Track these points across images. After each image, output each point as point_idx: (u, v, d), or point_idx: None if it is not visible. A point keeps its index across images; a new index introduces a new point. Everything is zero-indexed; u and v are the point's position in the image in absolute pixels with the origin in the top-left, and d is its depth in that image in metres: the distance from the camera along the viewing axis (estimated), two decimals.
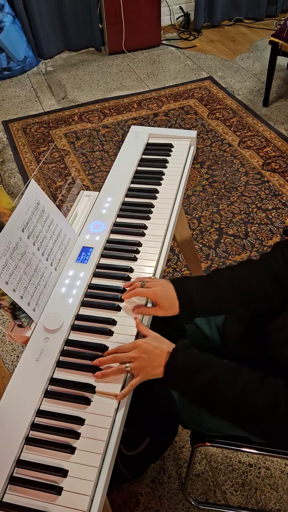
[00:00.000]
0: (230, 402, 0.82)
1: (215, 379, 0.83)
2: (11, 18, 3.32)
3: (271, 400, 0.79)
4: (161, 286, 0.97)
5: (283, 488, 1.38)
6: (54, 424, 0.82)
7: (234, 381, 0.83)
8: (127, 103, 3.19)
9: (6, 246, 0.90)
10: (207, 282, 0.98)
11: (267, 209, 2.29)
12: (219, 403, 0.84)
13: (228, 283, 0.97)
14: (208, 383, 0.84)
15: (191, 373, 0.85)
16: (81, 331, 0.96)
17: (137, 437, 1.14)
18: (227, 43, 3.89)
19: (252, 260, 1.01)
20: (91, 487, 0.74)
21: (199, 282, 0.99)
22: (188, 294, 0.96)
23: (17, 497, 0.75)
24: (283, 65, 3.37)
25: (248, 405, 0.80)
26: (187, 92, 3.25)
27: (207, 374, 0.84)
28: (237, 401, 0.81)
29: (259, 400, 0.80)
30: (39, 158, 2.74)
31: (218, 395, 0.83)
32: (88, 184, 2.52)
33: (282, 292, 0.96)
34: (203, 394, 0.85)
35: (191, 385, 0.85)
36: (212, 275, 1.00)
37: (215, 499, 1.37)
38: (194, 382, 0.84)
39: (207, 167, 2.58)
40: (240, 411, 0.82)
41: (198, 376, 0.84)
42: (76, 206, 1.28)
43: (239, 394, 0.81)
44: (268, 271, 0.97)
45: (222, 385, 0.83)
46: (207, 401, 0.85)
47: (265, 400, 0.79)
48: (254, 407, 0.80)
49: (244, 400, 0.81)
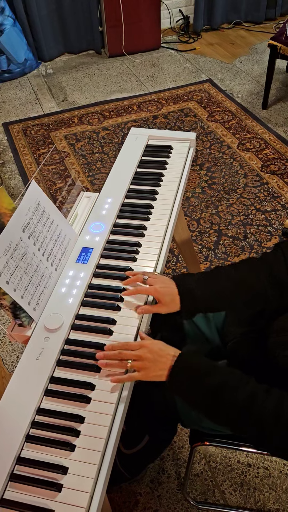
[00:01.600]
0: (234, 411, 0.80)
1: (220, 387, 0.82)
2: (11, 20, 3.34)
3: (277, 410, 0.77)
4: (162, 282, 0.98)
5: (282, 488, 1.39)
6: (54, 422, 0.83)
7: (241, 388, 0.81)
8: (127, 105, 3.21)
9: (7, 246, 0.91)
10: (208, 279, 0.99)
11: (266, 211, 2.31)
12: (222, 411, 0.82)
13: (228, 281, 0.97)
14: (214, 388, 0.82)
15: (196, 379, 0.84)
16: (81, 331, 0.97)
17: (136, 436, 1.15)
18: (226, 46, 3.91)
19: (253, 258, 1.01)
20: (91, 484, 0.75)
21: (200, 278, 0.99)
22: (189, 289, 0.96)
23: (17, 494, 0.75)
24: (282, 68, 3.39)
25: (253, 415, 0.79)
26: (187, 95, 3.27)
27: (212, 381, 0.83)
28: (241, 410, 0.80)
29: (265, 410, 0.78)
30: (39, 160, 2.75)
31: (222, 404, 0.81)
32: (88, 186, 2.53)
33: (281, 294, 0.96)
34: (207, 401, 0.83)
35: (195, 391, 0.84)
36: (213, 272, 1.00)
37: (214, 499, 1.38)
38: (199, 389, 0.83)
39: (207, 169, 2.60)
40: (244, 420, 0.80)
41: (203, 382, 0.83)
42: (76, 207, 1.29)
43: (245, 402, 0.80)
44: (268, 272, 0.97)
45: (228, 393, 0.81)
46: (210, 409, 0.84)
47: (272, 410, 0.78)
48: (259, 417, 0.78)
49: (249, 409, 0.79)
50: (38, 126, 3.04)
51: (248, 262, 1.01)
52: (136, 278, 1.01)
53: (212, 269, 1.02)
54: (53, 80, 3.56)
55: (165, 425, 1.14)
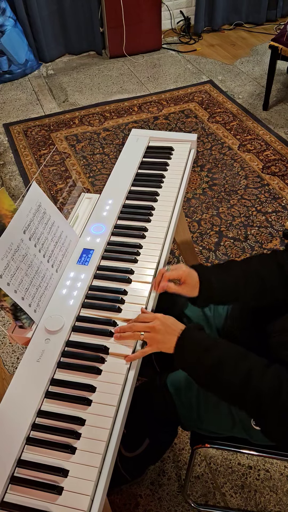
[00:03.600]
0: (233, 385, 0.84)
1: (223, 359, 0.86)
2: (12, 21, 3.34)
3: (275, 385, 0.81)
4: (187, 267, 1.03)
5: (283, 491, 1.39)
6: (55, 425, 0.82)
7: (241, 362, 0.85)
8: (128, 106, 3.20)
9: (8, 247, 0.91)
10: (224, 271, 1.03)
11: (267, 212, 2.30)
12: (222, 383, 0.86)
13: (242, 274, 1.02)
14: (214, 362, 0.86)
15: (201, 351, 0.88)
16: (82, 333, 0.97)
17: (136, 439, 1.15)
18: (227, 47, 3.91)
19: (265, 254, 1.05)
20: (91, 487, 0.74)
21: (217, 270, 1.04)
22: (208, 278, 1.01)
23: (18, 496, 0.75)
24: (283, 69, 3.39)
25: (252, 388, 0.82)
26: (188, 96, 3.27)
27: (216, 353, 0.87)
28: (242, 382, 0.83)
29: (264, 383, 0.81)
30: (40, 161, 2.75)
31: (223, 375, 0.85)
32: (89, 187, 2.53)
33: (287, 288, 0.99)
34: (210, 372, 0.87)
35: (199, 362, 0.88)
36: (229, 265, 1.05)
37: (215, 501, 1.37)
38: (203, 360, 0.87)
39: (207, 170, 2.59)
40: (244, 392, 0.83)
41: (207, 354, 0.87)
42: (77, 208, 1.29)
43: (245, 375, 0.83)
44: (276, 264, 1.01)
45: (229, 365, 0.85)
46: (213, 381, 0.87)
47: (269, 384, 0.81)
48: (257, 391, 0.81)
49: (249, 382, 0.82)
50: (39, 127, 3.04)
51: (260, 257, 1.05)
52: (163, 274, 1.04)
53: (227, 262, 1.07)
54: (54, 81, 3.56)
55: (165, 428, 1.14)
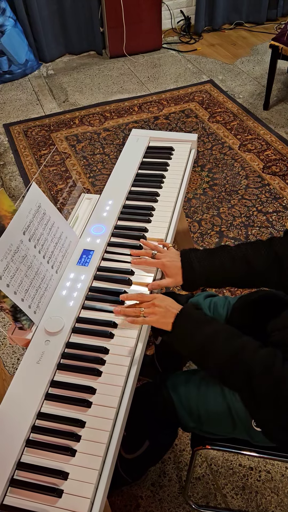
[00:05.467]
0: (226, 358, 0.85)
1: (217, 333, 0.88)
2: (12, 21, 3.33)
3: (266, 360, 0.81)
4: (170, 257, 1.07)
5: (284, 492, 1.38)
6: (54, 427, 0.82)
7: (235, 338, 0.87)
8: (128, 106, 3.20)
9: (8, 248, 0.91)
10: (209, 253, 1.05)
11: (268, 212, 2.30)
12: (215, 355, 0.87)
13: (228, 255, 1.03)
14: (209, 335, 0.88)
15: (196, 325, 0.91)
16: (82, 334, 0.96)
17: (136, 440, 1.14)
18: (227, 46, 3.90)
19: (259, 240, 1.06)
20: (91, 490, 0.74)
21: (201, 252, 1.06)
22: (189, 262, 1.04)
23: (17, 499, 0.75)
24: (284, 68, 3.38)
25: (243, 362, 0.83)
26: (188, 96, 3.26)
27: (210, 327, 0.90)
28: (233, 356, 0.84)
29: (255, 359, 0.82)
30: (40, 161, 2.75)
31: (216, 348, 0.87)
32: (89, 187, 2.53)
33: (279, 271, 0.99)
34: (203, 345, 0.89)
35: (193, 335, 0.90)
36: (216, 248, 1.06)
37: (216, 502, 1.37)
38: (197, 333, 0.90)
39: (208, 170, 2.59)
40: (234, 367, 0.84)
41: (202, 328, 0.90)
42: (77, 209, 1.28)
43: (237, 349, 0.85)
44: (270, 249, 1.01)
45: (223, 339, 0.87)
46: (205, 353, 0.89)
47: (261, 359, 0.82)
48: (248, 365, 0.82)
49: (240, 356, 0.84)
50: (39, 127, 3.04)
51: (253, 242, 1.06)
52: (145, 253, 1.10)
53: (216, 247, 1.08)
54: (54, 81, 3.56)
55: (166, 429, 1.13)
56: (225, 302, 1.21)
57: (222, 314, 1.19)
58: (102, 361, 0.91)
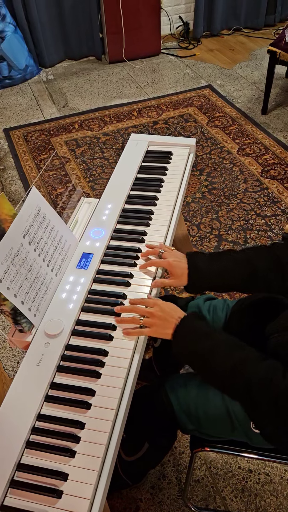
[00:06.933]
0: (226, 371, 0.84)
1: (218, 346, 0.87)
2: (12, 27, 3.36)
3: (268, 372, 0.81)
4: (176, 257, 1.07)
5: (283, 494, 1.38)
6: (54, 428, 0.83)
7: (236, 351, 0.86)
8: (127, 111, 3.22)
9: (8, 252, 0.92)
10: (215, 257, 1.06)
11: (266, 215, 2.31)
12: (216, 369, 0.86)
13: (232, 259, 1.04)
14: (210, 348, 0.87)
15: (197, 337, 0.90)
16: (82, 336, 0.97)
17: (136, 443, 1.15)
18: (226, 52, 3.93)
19: (263, 245, 1.07)
20: (91, 491, 0.75)
21: (207, 255, 1.07)
22: (195, 264, 1.05)
23: (17, 500, 0.75)
24: (282, 73, 3.41)
25: (243, 376, 0.82)
26: (187, 100, 3.28)
27: (212, 339, 0.89)
28: (233, 370, 0.84)
29: (257, 370, 0.82)
30: (39, 165, 2.76)
31: (216, 361, 0.86)
32: (89, 191, 2.54)
33: (282, 277, 1.00)
34: (203, 358, 0.88)
35: (193, 348, 0.89)
36: (221, 252, 1.07)
37: (215, 505, 1.37)
38: (197, 346, 0.89)
39: (207, 174, 2.60)
40: (234, 380, 0.83)
41: (202, 341, 0.89)
42: (76, 212, 1.29)
43: (238, 363, 0.84)
44: (272, 254, 1.02)
45: (223, 352, 0.86)
46: (204, 365, 0.88)
47: (262, 371, 0.81)
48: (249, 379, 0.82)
49: (240, 370, 0.83)
50: (39, 132, 3.05)
51: (257, 247, 1.07)
52: (153, 252, 1.11)
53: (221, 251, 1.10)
54: (53, 86, 3.58)
55: (165, 432, 1.14)
56: (224, 305, 1.21)
57: (221, 317, 1.20)
58: (102, 363, 0.91)
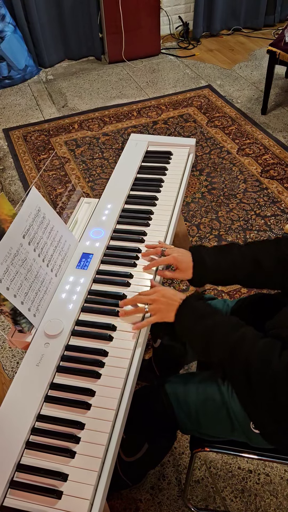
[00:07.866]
0: (225, 350, 0.86)
1: (217, 326, 0.90)
2: (12, 27, 3.36)
3: (266, 352, 0.82)
4: (179, 252, 1.09)
5: (283, 494, 1.38)
6: (54, 429, 0.83)
7: (235, 330, 0.88)
8: (127, 111, 3.22)
9: (7, 252, 0.91)
10: (219, 250, 1.08)
11: (266, 216, 2.31)
12: (216, 348, 0.88)
13: (238, 252, 1.05)
14: (210, 327, 0.90)
15: (197, 317, 0.92)
16: (81, 337, 0.97)
17: (135, 443, 1.15)
18: (225, 52, 3.93)
19: (268, 240, 1.08)
20: (91, 491, 0.74)
21: (213, 249, 1.08)
22: (202, 258, 1.06)
23: (17, 501, 0.75)
24: (281, 73, 3.41)
25: (242, 354, 0.84)
26: (186, 100, 3.28)
27: (212, 318, 0.91)
28: (233, 348, 0.85)
29: (255, 349, 0.83)
30: (39, 165, 2.76)
31: (217, 340, 0.88)
32: (88, 191, 2.54)
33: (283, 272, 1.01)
34: (203, 337, 0.90)
35: (195, 327, 0.92)
36: (226, 246, 1.08)
37: (215, 505, 1.37)
38: (198, 325, 0.91)
39: (206, 175, 2.60)
40: (234, 359, 0.85)
41: (203, 320, 0.92)
42: (76, 213, 1.29)
43: (236, 341, 0.85)
44: (276, 249, 1.03)
45: (223, 331, 0.88)
46: (206, 345, 0.90)
47: (261, 350, 0.82)
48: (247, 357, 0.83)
49: (239, 348, 0.84)
50: (39, 132, 3.05)
51: (261, 241, 1.08)
52: (155, 251, 1.12)
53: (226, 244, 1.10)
54: (53, 86, 3.58)
55: (164, 432, 1.14)
56: (224, 305, 1.21)
57: None
58: (101, 364, 0.91)
